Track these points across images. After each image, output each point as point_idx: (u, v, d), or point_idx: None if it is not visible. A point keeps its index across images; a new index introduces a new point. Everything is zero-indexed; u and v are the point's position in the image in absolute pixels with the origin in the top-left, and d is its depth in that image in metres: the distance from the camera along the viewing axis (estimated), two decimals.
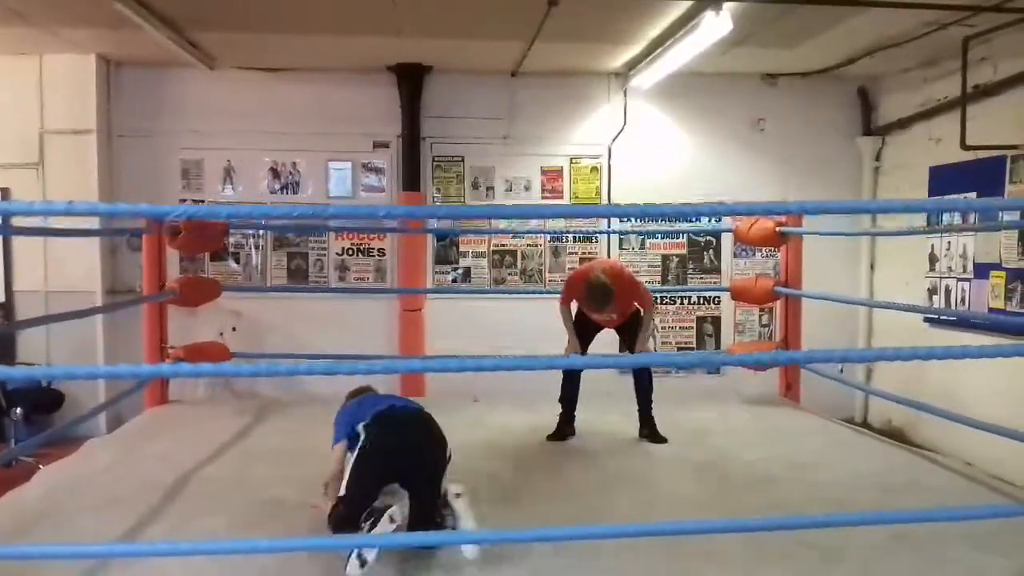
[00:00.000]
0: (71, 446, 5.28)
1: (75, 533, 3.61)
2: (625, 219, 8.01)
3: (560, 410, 5.51)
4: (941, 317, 7.30)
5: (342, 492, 3.48)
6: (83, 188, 7.49)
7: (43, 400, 6.96)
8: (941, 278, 7.49)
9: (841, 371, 7.60)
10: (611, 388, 6.00)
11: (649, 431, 5.44)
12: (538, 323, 7.72)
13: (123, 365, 2.69)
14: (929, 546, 3.52)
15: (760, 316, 8.54)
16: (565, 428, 5.48)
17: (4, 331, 7.53)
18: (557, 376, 5.49)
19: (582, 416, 5.57)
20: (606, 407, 5.94)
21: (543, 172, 8.37)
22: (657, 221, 7.90)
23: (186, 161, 8.08)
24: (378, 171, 8.24)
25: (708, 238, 8.47)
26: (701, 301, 8.52)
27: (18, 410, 6.52)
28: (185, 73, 7.85)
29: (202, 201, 8.00)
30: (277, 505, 4.04)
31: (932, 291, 7.60)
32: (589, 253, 8.41)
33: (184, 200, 7.95)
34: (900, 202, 6.73)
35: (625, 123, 8.31)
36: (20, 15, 6.35)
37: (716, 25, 5.95)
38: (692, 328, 8.52)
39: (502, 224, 8.18)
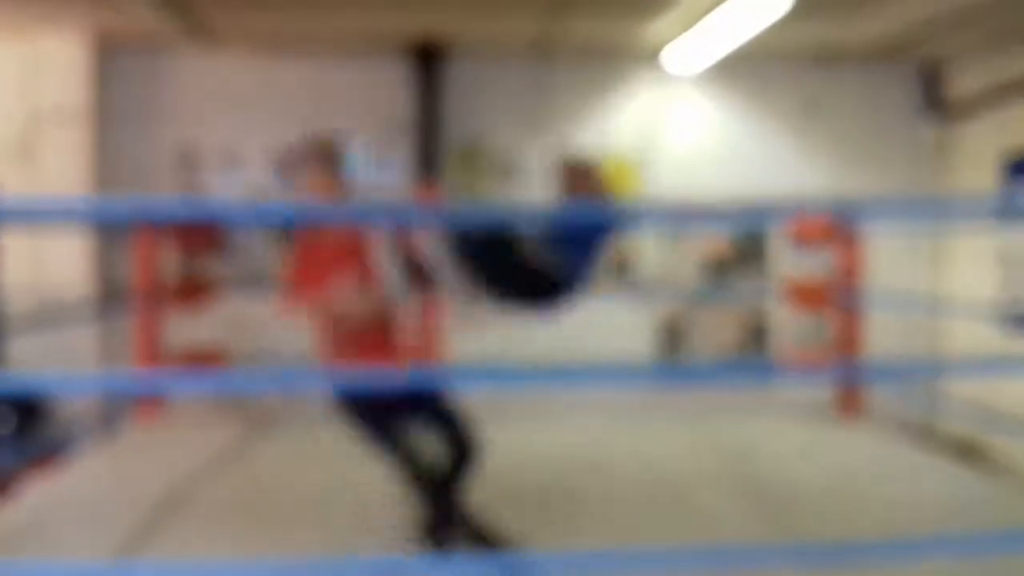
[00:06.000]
0: (59, 460, 5.43)
1: (63, 552, 3.67)
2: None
3: None
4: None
5: None
6: (76, 175, 7.38)
7: (30, 411, 6.74)
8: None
9: None
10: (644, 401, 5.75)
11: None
12: (565, 327, 7.42)
13: (113, 377, 2.45)
14: None
15: (815, 320, 8.00)
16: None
17: None
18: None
19: (615, 429, 5.55)
20: (641, 421, 5.92)
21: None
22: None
23: (183, 145, 7.83)
24: (391, 160, 7.88)
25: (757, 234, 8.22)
26: (749, 304, 8.22)
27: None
28: (182, 56, 7.71)
29: (201, 190, 7.83)
30: (278, 523, 4.04)
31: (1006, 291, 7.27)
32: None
33: (181, 189, 7.79)
34: (970, 199, 6.47)
35: (667, 111, 8.07)
36: None
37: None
38: (739, 333, 8.23)
39: None
